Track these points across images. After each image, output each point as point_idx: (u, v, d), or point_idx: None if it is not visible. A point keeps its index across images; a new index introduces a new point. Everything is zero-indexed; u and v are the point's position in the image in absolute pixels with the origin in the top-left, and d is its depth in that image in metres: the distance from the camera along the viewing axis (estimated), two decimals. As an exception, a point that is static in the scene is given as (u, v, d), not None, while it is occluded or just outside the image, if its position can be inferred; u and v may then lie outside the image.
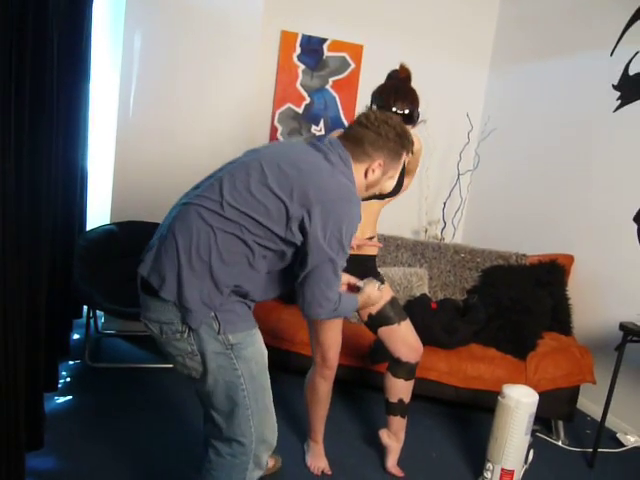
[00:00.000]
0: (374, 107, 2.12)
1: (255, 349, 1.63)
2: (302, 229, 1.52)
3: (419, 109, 2.14)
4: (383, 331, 2.24)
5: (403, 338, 2.24)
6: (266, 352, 1.68)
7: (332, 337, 2.24)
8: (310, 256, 1.53)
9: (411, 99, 2.08)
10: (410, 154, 1.77)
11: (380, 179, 1.72)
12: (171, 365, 1.75)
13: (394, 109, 2.08)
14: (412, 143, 1.73)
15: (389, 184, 1.78)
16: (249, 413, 1.61)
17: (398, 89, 2.13)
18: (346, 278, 1.86)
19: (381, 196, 2.18)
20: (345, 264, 1.61)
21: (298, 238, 1.53)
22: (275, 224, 1.51)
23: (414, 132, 2.25)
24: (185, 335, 1.55)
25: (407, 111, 2.06)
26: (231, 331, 1.56)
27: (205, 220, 1.51)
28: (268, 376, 1.68)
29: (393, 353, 2.25)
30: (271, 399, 1.69)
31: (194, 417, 2.49)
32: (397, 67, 2.21)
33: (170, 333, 1.56)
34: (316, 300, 1.58)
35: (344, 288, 1.84)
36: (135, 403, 2.78)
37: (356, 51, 4.01)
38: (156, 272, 1.54)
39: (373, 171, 1.68)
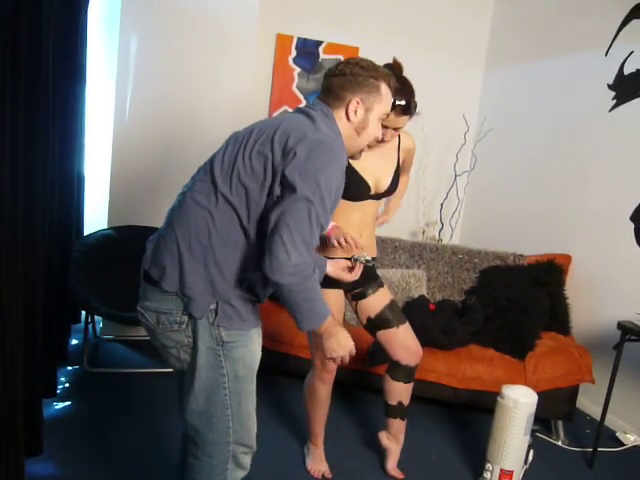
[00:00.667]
0: None
1: (247, 350, 1.57)
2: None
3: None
4: (382, 334, 2.24)
5: (402, 341, 2.23)
6: (259, 356, 1.62)
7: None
8: (283, 194, 1.44)
9: (407, 89, 2.08)
10: (390, 86, 1.65)
11: (367, 118, 1.64)
12: (170, 370, 1.75)
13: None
14: (388, 74, 1.66)
15: (376, 127, 1.69)
16: (228, 414, 1.57)
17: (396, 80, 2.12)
18: (343, 262, 1.92)
19: (377, 196, 2.19)
20: (328, 219, 1.50)
21: None
22: (266, 182, 1.47)
23: (407, 131, 2.26)
24: (183, 326, 1.53)
25: (404, 102, 2.05)
26: (225, 327, 1.52)
27: (200, 205, 1.51)
28: (255, 381, 1.62)
29: (392, 356, 2.25)
30: (254, 406, 1.63)
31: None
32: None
33: (167, 324, 1.54)
34: (282, 248, 1.38)
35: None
36: (134, 408, 2.77)
37: (352, 53, 3.99)
38: (156, 264, 1.54)
39: (355, 112, 1.63)
